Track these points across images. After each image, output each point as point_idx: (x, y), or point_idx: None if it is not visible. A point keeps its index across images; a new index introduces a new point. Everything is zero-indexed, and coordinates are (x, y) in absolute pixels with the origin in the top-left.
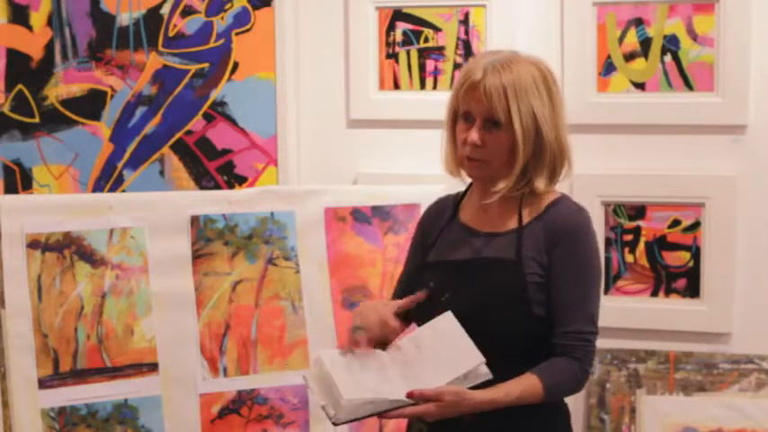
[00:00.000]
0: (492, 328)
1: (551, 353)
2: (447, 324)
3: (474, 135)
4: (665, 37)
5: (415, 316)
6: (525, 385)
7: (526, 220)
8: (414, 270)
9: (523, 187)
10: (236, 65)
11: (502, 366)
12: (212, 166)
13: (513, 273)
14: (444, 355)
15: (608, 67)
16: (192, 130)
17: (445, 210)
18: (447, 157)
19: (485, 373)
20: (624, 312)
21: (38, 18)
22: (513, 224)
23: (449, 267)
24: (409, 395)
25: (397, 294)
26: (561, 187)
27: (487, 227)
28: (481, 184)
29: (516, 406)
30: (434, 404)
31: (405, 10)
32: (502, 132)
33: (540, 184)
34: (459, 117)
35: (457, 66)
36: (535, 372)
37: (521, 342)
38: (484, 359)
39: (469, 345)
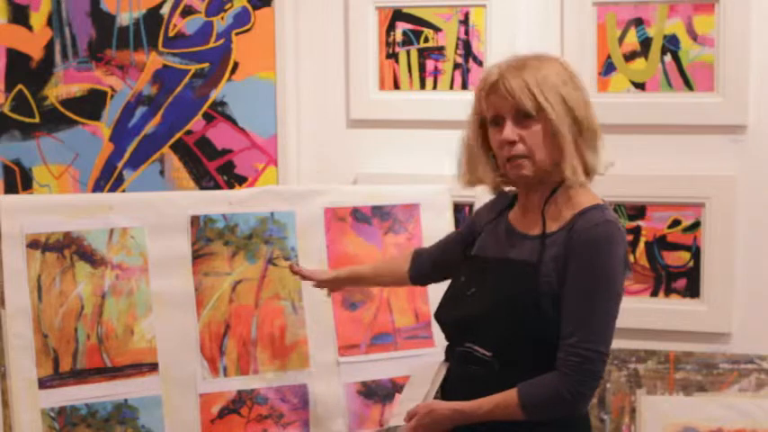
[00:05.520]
0: (504, 329)
1: None
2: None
3: (507, 132)
4: (665, 37)
5: (444, 308)
6: (501, 398)
7: (556, 226)
8: (449, 243)
9: (553, 179)
10: (236, 65)
11: (514, 372)
12: (212, 166)
13: (531, 278)
14: (421, 378)
15: (608, 67)
16: (192, 130)
17: (498, 205)
18: (467, 169)
19: (441, 362)
20: (624, 312)
21: (38, 18)
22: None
23: (479, 264)
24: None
25: (433, 248)
26: None
27: (524, 227)
28: (523, 186)
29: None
30: (413, 419)
31: (405, 10)
32: (535, 123)
33: (569, 172)
34: (489, 124)
35: (457, 66)
36: (520, 385)
37: (533, 348)
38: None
39: (431, 360)
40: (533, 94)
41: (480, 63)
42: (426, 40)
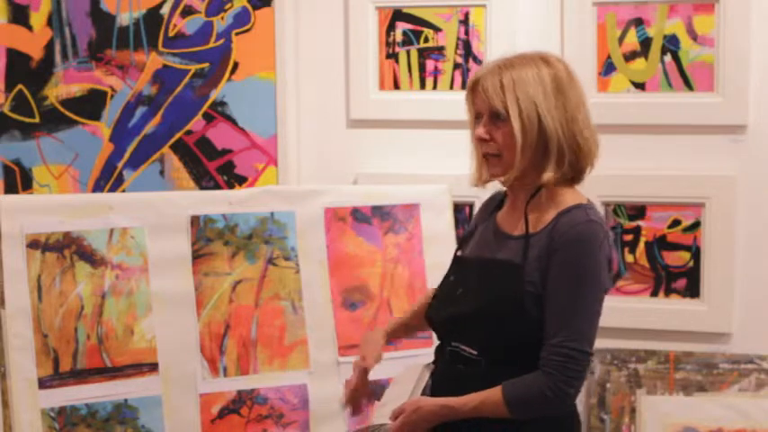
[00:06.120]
0: (490, 329)
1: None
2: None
3: (479, 129)
4: (665, 37)
5: (434, 308)
6: (486, 395)
7: (539, 226)
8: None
9: (533, 181)
10: (236, 65)
11: (500, 371)
12: (212, 166)
13: (515, 278)
14: (406, 379)
15: (608, 67)
16: (191, 130)
17: (491, 205)
18: (474, 170)
19: (425, 365)
20: (624, 312)
21: (38, 18)
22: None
23: (468, 264)
24: (391, 418)
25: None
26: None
27: (509, 228)
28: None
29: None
30: (401, 416)
31: (405, 10)
32: (507, 124)
33: (548, 176)
34: (474, 121)
35: (457, 66)
36: (504, 383)
37: (518, 347)
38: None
39: (416, 362)
40: (504, 94)
41: (480, 63)
42: (426, 40)
